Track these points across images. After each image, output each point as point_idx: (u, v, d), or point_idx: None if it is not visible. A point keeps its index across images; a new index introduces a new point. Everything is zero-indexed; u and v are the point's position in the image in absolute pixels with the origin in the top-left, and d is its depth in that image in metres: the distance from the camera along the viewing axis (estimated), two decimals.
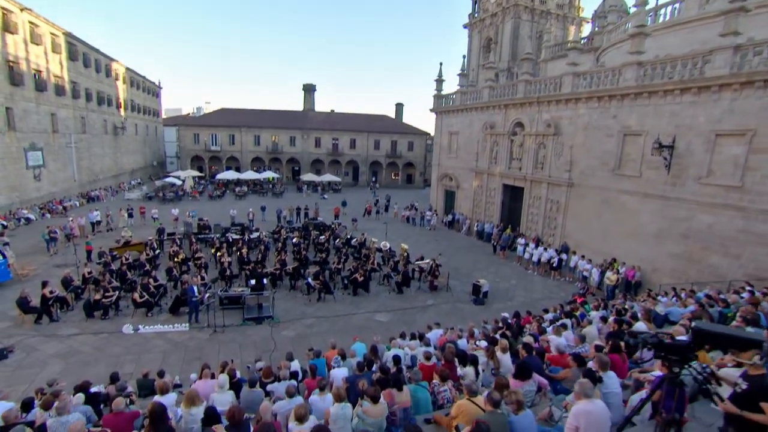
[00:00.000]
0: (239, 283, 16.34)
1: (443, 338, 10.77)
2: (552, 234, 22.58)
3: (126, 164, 45.66)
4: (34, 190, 28.64)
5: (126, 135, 44.88)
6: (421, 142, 58.65)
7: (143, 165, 51.59)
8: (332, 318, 14.37)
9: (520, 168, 24.61)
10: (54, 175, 30.91)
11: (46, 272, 17.17)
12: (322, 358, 9.31)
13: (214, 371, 8.74)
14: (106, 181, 39.93)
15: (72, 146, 32.42)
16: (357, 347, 10.30)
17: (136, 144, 48.99)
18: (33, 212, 26.88)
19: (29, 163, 27.65)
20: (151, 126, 54.59)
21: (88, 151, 36.22)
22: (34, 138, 27.95)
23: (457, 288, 17.87)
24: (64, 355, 11.02)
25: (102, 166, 39.50)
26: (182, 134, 53.42)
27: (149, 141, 54.15)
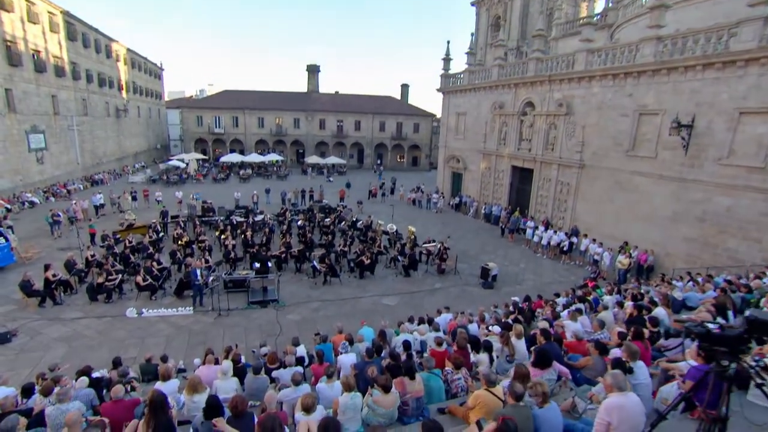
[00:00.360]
0: (243, 266, 16.11)
1: (453, 323, 10.49)
2: (562, 217, 22.09)
3: (129, 147, 45.30)
4: (37, 174, 28.42)
5: (128, 118, 44.42)
6: (427, 124, 57.72)
7: (147, 148, 51.24)
8: (338, 301, 14.13)
9: (529, 149, 23.98)
10: (57, 159, 30.65)
11: (49, 255, 17.05)
12: (328, 342, 9.08)
13: (218, 356, 8.52)
14: (110, 164, 39.65)
15: (74, 129, 32.05)
16: (365, 332, 10.01)
17: (138, 127, 48.52)
18: (37, 196, 26.71)
19: (31, 146, 27.35)
20: (153, 108, 54.00)
21: (91, 133, 35.84)
22: (35, 120, 27.58)
23: (465, 271, 17.56)
24: (68, 338, 10.87)
25: (105, 150, 39.18)
26: (185, 117, 52.83)
27: (152, 124, 53.66)
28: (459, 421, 5.17)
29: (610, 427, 3.65)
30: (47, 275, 12.84)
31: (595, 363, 5.91)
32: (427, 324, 10.81)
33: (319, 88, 61.41)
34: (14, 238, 16.92)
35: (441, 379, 6.03)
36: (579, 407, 4.71)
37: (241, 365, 7.53)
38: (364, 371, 6.44)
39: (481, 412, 4.74)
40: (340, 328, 9.95)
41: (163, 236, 19.00)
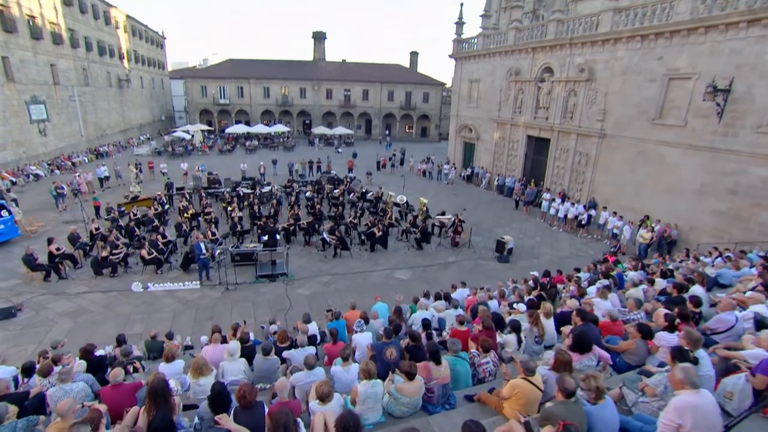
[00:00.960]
0: (251, 238, 15.70)
1: (472, 299, 9.97)
2: (579, 189, 21.25)
3: (133, 119, 44.54)
4: (41, 146, 27.93)
5: (131, 88, 43.47)
6: (436, 93, 56.00)
7: (151, 120, 50.43)
8: (349, 275, 13.69)
9: (546, 118, 22.89)
10: (60, 130, 30.07)
11: (55, 229, 16.74)
12: (341, 320, 8.61)
13: (225, 334, 8.12)
14: (114, 136, 39.04)
15: (75, 99, 31.31)
16: (379, 308, 9.56)
17: (142, 98, 47.58)
18: (41, 168, 26.32)
19: (33, 117, 26.73)
20: (157, 79, 52.83)
21: (93, 105, 35.08)
22: (35, 90, 26.85)
23: (480, 245, 16.99)
24: (73, 313, 10.57)
25: (109, 121, 38.48)
26: (189, 87, 51.64)
27: (156, 95, 52.62)
28: (490, 411, 4.68)
29: (681, 430, 3.09)
30: (51, 249, 12.49)
31: (637, 347, 5.36)
32: (443, 300, 10.35)
33: (325, 56, 59.54)
34: (18, 211, 16.57)
35: (468, 362, 5.52)
36: (628, 399, 4.18)
37: (250, 344, 7.10)
38: (383, 353, 5.95)
39: (518, 404, 4.23)
40: (353, 304, 9.53)
41: (169, 209, 18.58)
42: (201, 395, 5.74)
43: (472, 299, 9.98)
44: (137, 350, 8.05)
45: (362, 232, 16.12)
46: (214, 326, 7.91)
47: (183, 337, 9.42)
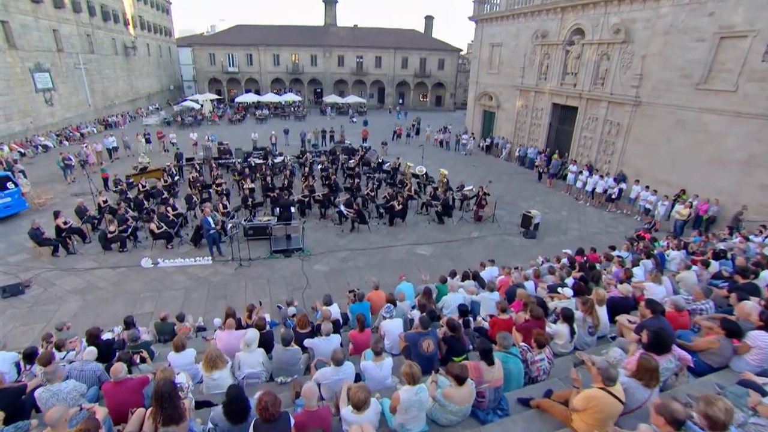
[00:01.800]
0: (264, 211, 15.03)
1: (505, 279, 9.18)
2: (608, 161, 19.99)
3: (141, 88, 43.56)
4: (48, 116, 27.29)
5: (138, 56, 42.28)
6: (452, 60, 53.69)
7: (159, 89, 49.38)
8: (368, 251, 13.00)
9: (574, 84, 21.39)
10: (66, 100, 29.33)
11: (63, 201, 16.28)
12: (365, 301, 7.93)
13: (240, 316, 7.51)
14: (123, 106, 38.25)
15: (81, 67, 30.40)
16: (404, 288, 8.85)
17: (149, 66, 46.39)
18: (50, 139, 25.79)
19: (38, 86, 25.98)
20: (164, 46, 51.38)
21: (100, 73, 34.14)
22: (38, 57, 25.96)
23: (503, 219, 16.09)
24: (82, 290, 10.09)
25: (116, 90, 37.61)
26: (197, 55, 50.17)
27: (164, 63, 51.32)
28: (552, 420, 3.96)
29: None
30: (58, 223, 11.97)
31: (722, 347, 4.55)
32: (472, 279, 9.62)
33: (336, 21, 57.11)
34: (25, 182, 16.09)
35: (520, 359, 4.78)
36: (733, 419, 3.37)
37: (268, 331, 6.45)
38: (418, 345, 5.25)
39: (594, 418, 3.49)
40: (376, 284, 8.81)
41: (179, 180, 17.94)
42: (215, 389, 5.16)
43: (505, 280, 9.20)
44: (146, 334, 7.49)
45: (380, 205, 15.30)
46: (228, 308, 7.29)
47: (195, 318, 8.89)
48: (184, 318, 7.85)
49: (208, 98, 39.99)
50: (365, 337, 6.36)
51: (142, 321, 8.85)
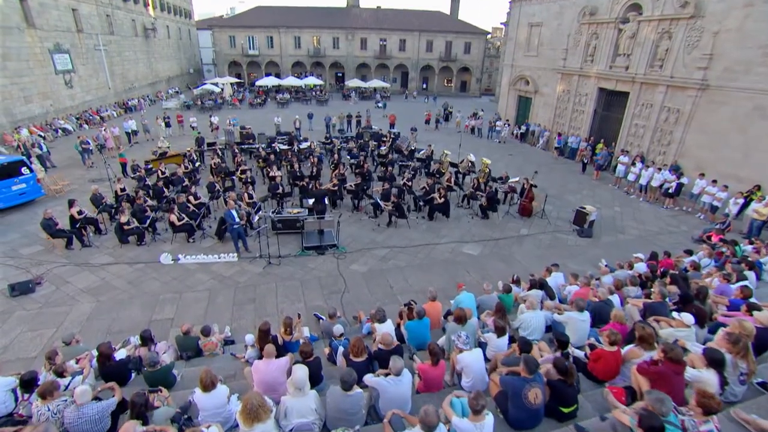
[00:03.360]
0: (292, 202, 13.77)
1: (583, 292, 7.69)
2: (662, 151, 18.00)
3: (161, 71, 42.71)
4: (68, 98, 26.49)
5: (158, 39, 41.36)
6: (479, 44, 51.26)
7: (179, 73, 48.52)
8: (409, 249, 11.63)
9: (626, 67, 19.30)
10: (86, 82, 28.51)
11: (81, 188, 15.43)
12: (425, 318, 6.58)
13: (275, 333, 6.26)
14: (143, 89, 37.45)
15: (101, 48, 29.51)
16: (466, 300, 7.50)
17: (169, 49, 45.46)
18: (70, 123, 25.05)
19: (57, 68, 25.13)
20: (183, 29, 50.34)
21: (120, 55, 33.26)
22: (57, 38, 25.04)
23: (551, 214, 14.52)
24: (96, 290, 9.01)
25: (136, 73, 36.78)
26: (217, 38, 48.99)
27: (183, 46, 50.34)
28: None
29: None
30: (72, 212, 10.93)
31: None
32: (539, 288, 8.17)
33: (359, 3, 55.06)
34: (40, 168, 15.15)
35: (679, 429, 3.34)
36: None
37: (314, 360, 5.15)
38: (522, 395, 3.88)
39: None
40: (433, 294, 7.46)
41: (200, 166, 16.80)
42: None
43: (582, 292, 7.71)
44: (166, 351, 6.30)
45: (419, 197, 13.87)
46: (263, 324, 6.04)
47: (221, 327, 7.70)
48: (210, 331, 6.64)
49: (228, 82, 38.86)
50: (440, 372, 5.01)
51: (161, 329, 7.74)
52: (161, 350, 6.32)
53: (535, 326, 6.50)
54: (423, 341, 6.71)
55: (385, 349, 5.36)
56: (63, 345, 6.08)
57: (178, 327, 7.74)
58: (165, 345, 6.53)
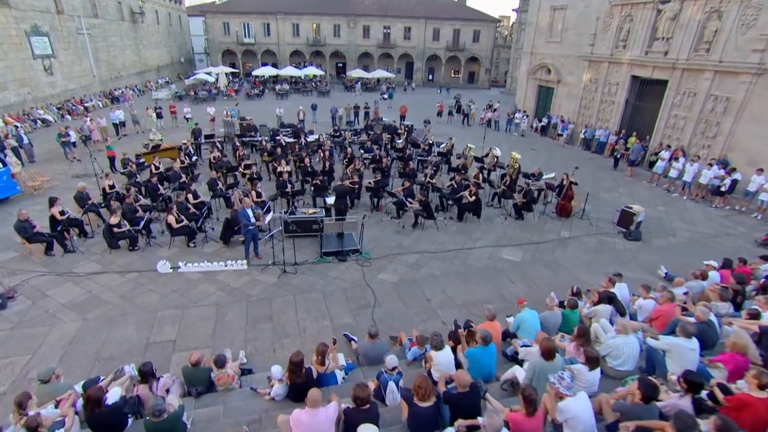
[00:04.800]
0: (303, 200, 12.73)
1: (667, 309, 6.67)
2: (707, 145, 17.02)
3: (150, 59, 41.50)
4: (48, 86, 25.26)
5: (146, 24, 40.19)
6: (488, 32, 50.25)
7: (169, 62, 47.28)
8: (441, 254, 10.59)
9: (665, 52, 18.28)
10: (68, 69, 27.29)
11: (63, 185, 14.30)
12: (490, 344, 5.55)
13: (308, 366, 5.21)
14: (130, 78, 36.23)
15: (84, 32, 28.29)
16: (528, 318, 6.51)
17: (159, 36, 44.26)
18: (50, 113, 23.84)
19: (36, 52, 23.88)
20: (174, 14, 49.09)
21: (105, 41, 32.02)
22: (35, 18, 23.79)
23: (590, 214, 13.54)
24: (81, 305, 7.89)
25: (123, 61, 35.58)
26: (210, 24, 47.76)
27: (174, 33, 49.10)
28: None
29: None
30: (53, 212, 9.80)
31: None
32: (608, 303, 7.18)
33: None
34: (15, 162, 13.98)
35: None
36: None
37: (372, 406, 4.09)
38: None
39: None
40: (492, 312, 6.44)
41: (197, 160, 15.69)
42: None
43: (667, 309, 6.68)
44: (171, 390, 5.21)
45: (447, 195, 12.83)
46: (294, 355, 5.02)
47: (234, 351, 6.63)
48: (225, 361, 5.55)
49: (222, 71, 37.69)
50: (536, 425, 3.96)
51: (161, 354, 6.68)
52: (165, 386, 5.25)
53: (628, 354, 5.49)
54: (488, 373, 5.70)
55: (460, 392, 4.32)
56: (39, 383, 4.99)
57: (181, 351, 6.76)
58: (169, 379, 5.45)
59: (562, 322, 6.90)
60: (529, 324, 6.54)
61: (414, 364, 6.32)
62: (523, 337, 6.50)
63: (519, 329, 6.64)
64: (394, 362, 5.15)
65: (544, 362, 4.97)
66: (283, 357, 6.70)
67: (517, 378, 5.41)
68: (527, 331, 6.51)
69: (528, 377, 5.05)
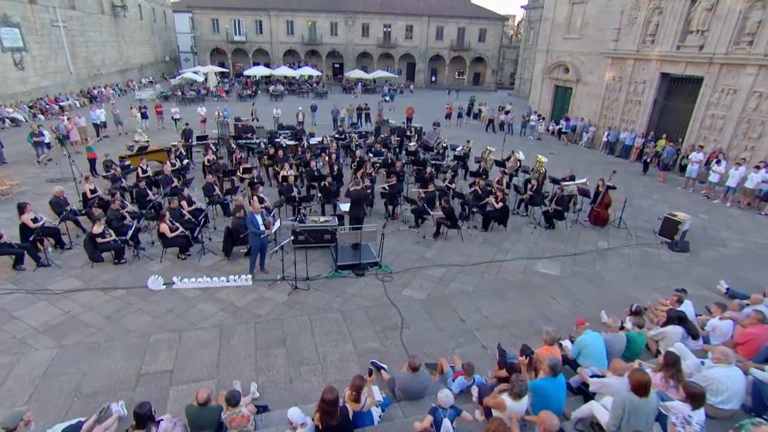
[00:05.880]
0: (310, 208, 12.13)
1: (753, 332, 6.06)
2: (750, 146, 16.62)
3: (133, 58, 41.14)
4: (19, 83, 24.64)
5: (129, 19, 39.87)
6: (495, 31, 50.38)
7: (153, 60, 46.93)
8: (469, 267, 9.98)
9: (701, 46, 17.95)
10: (42, 64, 26.73)
11: (35, 190, 13.66)
12: (559, 374, 4.88)
13: (342, 402, 4.51)
14: (111, 77, 35.75)
15: (59, 25, 27.82)
16: (592, 342, 5.90)
17: (142, 32, 43.99)
18: (21, 111, 23.16)
19: (5, 44, 23.27)
20: (158, 10, 48.93)
21: (83, 35, 31.57)
22: (4, 8, 23.23)
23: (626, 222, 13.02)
24: (57, 329, 7.11)
25: (104, 58, 35.15)
26: (198, 21, 47.44)
27: (158, 30, 48.86)
28: None
29: None
30: (24, 219, 9.08)
31: None
32: (678, 324, 6.59)
33: None
34: None
35: None
36: None
37: None
38: None
39: None
40: (551, 336, 5.80)
41: (189, 164, 15.08)
42: None
43: (757, 332, 6.07)
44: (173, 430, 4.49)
45: (472, 202, 12.27)
46: (327, 392, 4.32)
47: (244, 385, 5.91)
48: (239, 400, 4.83)
49: (212, 70, 37.27)
50: None
51: (156, 387, 5.98)
52: (166, 431, 4.52)
53: (733, 390, 4.84)
54: (557, 410, 4.99)
55: None
56: None
57: (180, 384, 6.03)
58: (170, 422, 4.71)
59: (626, 347, 6.32)
60: (593, 349, 5.92)
61: (460, 396, 5.66)
62: (586, 364, 5.88)
63: (580, 355, 6.02)
64: (450, 400, 4.48)
65: (635, 399, 4.31)
66: (303, 390, 6.05)
67: (595, 417, 4.75)
68: (591, 357, 5.91)
69: (616, 417, 4.37)
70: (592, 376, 5.41)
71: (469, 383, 5.76)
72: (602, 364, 5.81)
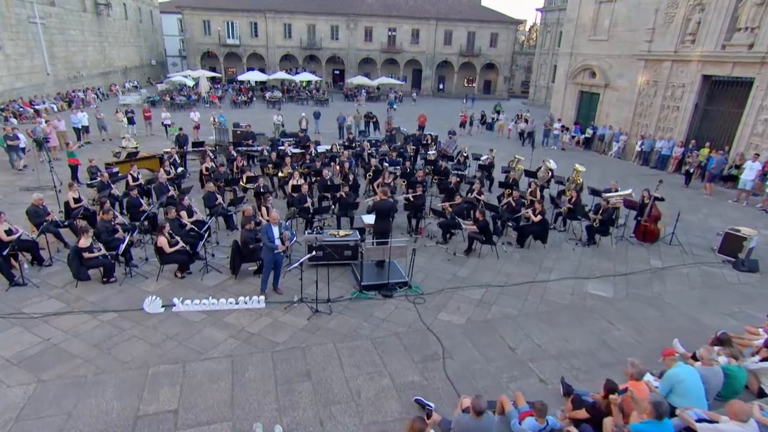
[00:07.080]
0: (325, 221, 11.69)
1: None
2: None
3: (116, 59, 41.41)
4: None
5: (113, 19, 40.21)
6: (507, 36, 50.80)
7: (139, 63, 47.21)
8: (509, 288, 9.46)
9: (750, 45, 17.65)
10: (16, 64, 26.70)
11: (8, 198, 13.30)
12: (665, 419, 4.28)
13: None
14: (93, 79, 35.82)
15: (37, 22, 27.83)
16: (687, 376, 5.33)
17: (127, 33, 44.36)
18: None
19: None
20: (144, 10, 49.41)
21: (63, 34, 31.73)
22: None
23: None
24: (34, 360, 6.47)
25: (85, 59, 35.29)
26: (188, 22, 47.71)
27: (144, 31, 49.27)
28: None
29: None
30: None
31: None
32: None
33: None
34: None
35: None
36: None
37: None
38: None
39: None
40: (639, 369, 5.22)
41: (184, 172, 14.70)
42: None
43: None
44: None
45: (506, 215, 11.79)
46: None
47: (266, 426, 5.29)
48: None
49: (203, 75, 37.26)
50: None
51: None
52: None
53: None
54: None
55: None
56: None
57: (187, 428, 5.39)
58: None
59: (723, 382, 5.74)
60: (689, 385, 5.33)
61: None
62: (680, 404, 5.27)
63: (672, 393, 5.42)
64: None
65: None
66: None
67: None
68: (687, 396, 5.32)
69: None
70: (699, 421, 4.80)
71: (542, 426, 5.15)
72: (701, 404, 5.23)
